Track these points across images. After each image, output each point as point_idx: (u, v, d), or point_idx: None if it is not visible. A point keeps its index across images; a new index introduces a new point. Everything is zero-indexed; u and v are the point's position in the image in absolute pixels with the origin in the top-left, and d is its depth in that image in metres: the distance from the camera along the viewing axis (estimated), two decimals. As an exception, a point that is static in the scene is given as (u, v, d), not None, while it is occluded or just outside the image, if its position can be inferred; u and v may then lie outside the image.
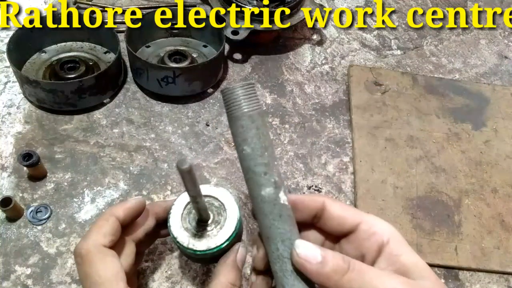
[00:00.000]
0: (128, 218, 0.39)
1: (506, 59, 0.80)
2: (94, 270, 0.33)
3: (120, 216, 0.38)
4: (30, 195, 0.53)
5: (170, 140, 0.61)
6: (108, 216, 0.37)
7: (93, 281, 0.33)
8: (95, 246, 0.35)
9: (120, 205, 0.39)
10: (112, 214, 0.37)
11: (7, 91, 0.63)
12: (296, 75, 0.72)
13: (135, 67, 0.62)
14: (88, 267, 0.34)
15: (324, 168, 0.61)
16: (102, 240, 0.35)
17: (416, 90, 0.70)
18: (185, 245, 0.38)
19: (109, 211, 0.38)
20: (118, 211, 0.38)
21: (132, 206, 0.39)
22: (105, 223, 0.37)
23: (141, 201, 0.40)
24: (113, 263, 0.34)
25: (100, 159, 0.58)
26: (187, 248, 0.38)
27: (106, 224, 0.37)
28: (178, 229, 0.39)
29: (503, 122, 0.68)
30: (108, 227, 0.36)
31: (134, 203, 0.39)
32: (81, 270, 0.35)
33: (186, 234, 0.38)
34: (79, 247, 0.35)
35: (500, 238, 0.56)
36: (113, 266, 0.34)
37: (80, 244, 0.36)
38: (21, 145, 0.58)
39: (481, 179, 0.61)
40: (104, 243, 0.35)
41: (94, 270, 0.33)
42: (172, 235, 0.39)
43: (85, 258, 0.34)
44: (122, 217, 0.38)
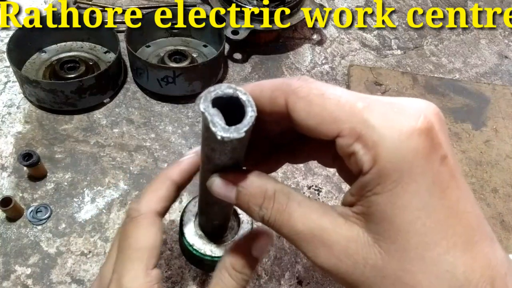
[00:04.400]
0: (184, 183, 0.33)
1: (506, 59, 0.80)
2: (135, 235, 0.31)
3: (177, 180, 0.33)
4: (30, 195, 0.53)
5: (170, 140, 0.61)
6: (165, 179, 0.33)
7: (129, 243, 0.31)
8: (147, 211, 0.32)
9: (176, 167, 0.33)
10: (168, 178, 0.33)
11: (7, 91, 0.63)
12: (296, 75, 0.72)
13: (135, 67, 0.62)
14: (131, 228, 0.31)
15: (324, 168, 0.61)
16: (155, 206, 0.32)
17: (416, 90, 0.70)
18: (202, 252, 0.37)
19: (165, 174, 0.33)
20: (175, 174, 0.33)
21: (187, 169, 0.33)
22: (161, 187, 0.32)
23: (194, 161, 0.34)
24: (155, 236, 0.31)
25: (100, 159, 0.58)
26: (204, 255, 0.37)
27: (162, 188, 0.32)
28: (193, 236, 0.38)
29: (503, 122, 0.68)
30: (163, 192, 0.32)
31: (189, 165, 0.33)
32: (124, 228, 0.32)
33: (202, 241, 0.38)
34: (132, 208, 0.32)
35: (500, 238, 0.56)
36: (154, 239, 0.31)
37: (133, 204, 0.32)
38: (21, 145, 0.58)
39: (481, 179, 0.61)
40: (156, 209, 0.32)
41: (135, 235, 0.31)
42: (187, 243, 0.38)
43: (134, 221, 0.31)
44: (178, 182, 0.33)
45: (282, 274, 0.51)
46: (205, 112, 0.22)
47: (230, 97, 0.23)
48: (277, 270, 0.52)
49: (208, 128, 0.22)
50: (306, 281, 0.51)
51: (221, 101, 0.23)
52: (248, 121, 0.22)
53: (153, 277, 0.30)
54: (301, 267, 0.52)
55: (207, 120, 0.22)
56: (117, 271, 0.30)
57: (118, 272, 0.30)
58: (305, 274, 0.52)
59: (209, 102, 0.23)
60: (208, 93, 0.23)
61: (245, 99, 0.23)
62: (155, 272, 0.30)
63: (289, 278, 0.51)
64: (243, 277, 0.30)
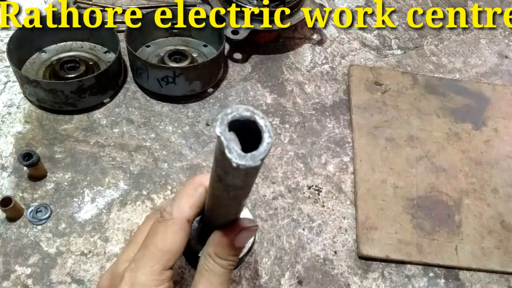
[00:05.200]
0: None
1: (507, 59, 0.80)
2: (164, 236, 0.32)
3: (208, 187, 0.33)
4: (30, 195, 0.53)
5: (170, 140, 0.61)
6: (198, 185, 0.33)
7: (155, 241, 0.32)
8: (179, 216, 0.32)
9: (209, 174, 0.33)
10: (201, 184, 0.33)
11: (7, 91, 0.63)
12: (296, 74, 0.72)
13: (135, 67, 0.62)
14: (161, 230, 0.32)
15: (324, 167, 0.61)
16: (187, 212, 0.33)
17: (417, 90, 0.70)
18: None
19: (199, 179, 0.34)
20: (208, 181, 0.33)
21: None
22: (194, 193, 0.33)
23: None
24: (181, 241, 0.32)
25: (100, 159, 0.58)
26: None
27: (195, 194, 0.33)
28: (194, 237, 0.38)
29: (503, 122, 0.68)
30: (196, 199, 0.33)
31: None
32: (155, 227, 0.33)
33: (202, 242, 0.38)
34: (166, 210, 0.33)
35: (500, 238, 0.56)
36: (179, 244, 0.32)
37: (167, 206, 0.33)
38: (21, 145, 0.58)
39: (481, 179, 0.61)
40: (188, 215, 0.33)
41: (163, 236, 0.32)
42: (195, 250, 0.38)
43: (165, 223, 0.32)
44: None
45: (282, 274, 0.51)
46: (221, 136, 0.22)
47: (247, 120, 0.23)
48: (277, 270, 0.52)
49: (223, 153, 0.22)
50: (306, 281, 0.51)
51: (237, 124, 0.23)
52: (265, 148, 0.22)
53: (166, 276, 0.31)
54: (301, 267, 0.52)
55: (222, 145, 0.22)
56: (136, 262, 0.31)
57: (136, 263, 0.31)
58: (305, 274, 0.52)
59: (226, 125, 0.22)
60: (224, 115, 0.23)
61: (263, 124, 0.23)
62: (169, 272, 0.32)
63: (289, 278, 0.51)
64: (229, 263, 0.32)
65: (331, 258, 0.53)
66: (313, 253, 0.53)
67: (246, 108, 0.23)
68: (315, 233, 0.55)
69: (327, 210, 0.57)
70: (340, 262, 0.53)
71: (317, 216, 0.56)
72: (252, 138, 0.23)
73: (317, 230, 0.55)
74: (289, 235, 0.54)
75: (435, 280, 0.53)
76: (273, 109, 0.66)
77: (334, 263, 0.53)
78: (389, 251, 0.53)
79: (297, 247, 0.54)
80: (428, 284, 0.53)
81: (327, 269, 0.53)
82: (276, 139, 0.63)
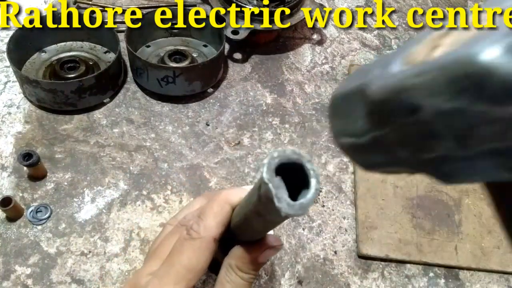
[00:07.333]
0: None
1: (506, 59, 0.80)
2: (190, 255, 0.32)
3: (234, 205, 0.32)
4: (30, 195, 0.53)
5: (170, 140, 0.61)
6: (224, 203, 0.33)
7: (181, 260, 0.32)
8: (206, 236, 0.32)
9: (238, 192, 0.33)
10: (228, 202, 0.33)
11: (7, 91, 0.63)
12: (296, 74, 0.72)
13: (135, 67, 0.62)
14: (188, 248, 0.32)
15: (324, 167, 0.61)
16: (215, 232, 0.32)
17: (416, 90, 0.70)
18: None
19: (225, 197, 0.33)
20: (234, 199, 0.32)
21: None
22: (220, 212, 0.32)
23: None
24: (207, 260, 0.32)
25: (100, 159, 0.58)
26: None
27: (222, 212, 0.32)
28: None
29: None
30: (223, 217, 0.32)
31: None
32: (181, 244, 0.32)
33: None
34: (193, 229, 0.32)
35: (500, 238, 0.56)
36: (205, 263, 0.32)
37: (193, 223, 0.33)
38: (21, 145, 0.58)
39: (481, 178, 0.61)
40: (215, 235, 0.32)
41: (190, 255, 0.32)
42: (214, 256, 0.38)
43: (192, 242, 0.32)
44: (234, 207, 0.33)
45: (282, 274, 0.51)
46: (269, 183, 0.21)
47: (293, 163, 0.22)
48: (277, 270, 0.52)
49: (270, 200, 0.21)
50: (306, 281, 0.51)
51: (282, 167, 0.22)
52: (313, 196, 0.21)
53: None
54: (301, 267, 0.52)
55: (271, 193, 0.21)
56: (159, 279, 0.32)
57: (160, 280, 0.31)
58: (305, 274, 0.52)
59: (273, 171, 0.21)
60: (271, 160, 0.22)
61: (310, 168, 0.22)
62: None
63: (289, 278, 0.51)
64: (250, 276, 0.33)
65: (331, 258, 0.53)
66: (313, 253, 0.53)
67: (293, 151, 0.22)
68: (315, 233, 0.55)
69: (327, 210, 0.57)
70: (340, 262, 0.53)
71: (317, 216, 0.56)
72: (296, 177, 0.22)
73: (317, 230, 0.55)
74: (289, 235, 0.54)
75: (435, 280, 0.53)
76: (273, 109, 0.66)
77: (334, 263, 0.53)
78: (389, 250, 0.53)
79: (297, 247, 0.54)
80: (428, 284, 0.53)
81: (327, 269, 0.53)
82: (276, 139, 0.63)
